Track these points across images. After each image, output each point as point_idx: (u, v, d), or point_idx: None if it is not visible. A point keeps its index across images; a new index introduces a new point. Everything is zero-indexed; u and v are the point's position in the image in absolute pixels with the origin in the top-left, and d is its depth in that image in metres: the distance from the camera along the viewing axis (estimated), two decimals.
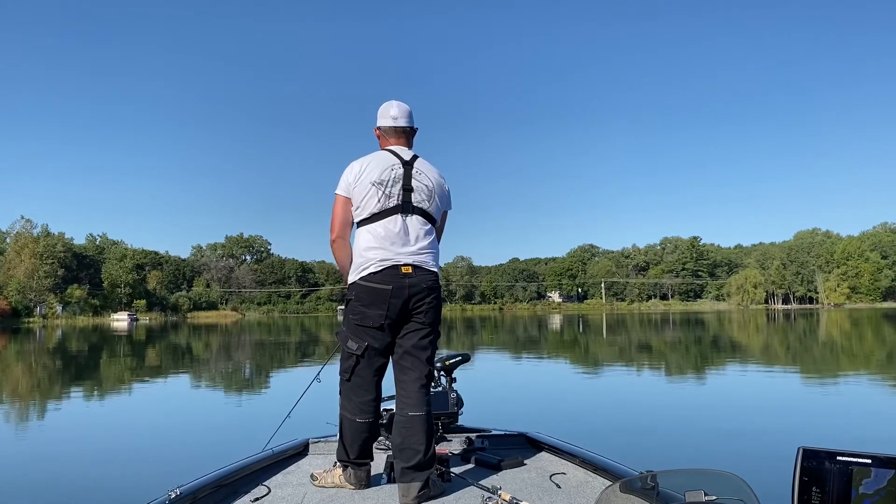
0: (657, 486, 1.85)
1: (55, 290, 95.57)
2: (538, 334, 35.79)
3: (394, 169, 2.98)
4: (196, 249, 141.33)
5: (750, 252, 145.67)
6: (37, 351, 28.27)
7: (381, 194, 2.95)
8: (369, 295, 2.89)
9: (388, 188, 2.95)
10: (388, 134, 3.15)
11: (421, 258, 2.95)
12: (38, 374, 17.39)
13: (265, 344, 30.30)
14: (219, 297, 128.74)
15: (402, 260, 2.90)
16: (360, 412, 2.96)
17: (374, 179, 2.95)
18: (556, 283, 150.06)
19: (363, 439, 2.98)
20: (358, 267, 2.95)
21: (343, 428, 3.01)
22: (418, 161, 3.08)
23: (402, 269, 2.89)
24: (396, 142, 3.13)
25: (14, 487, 5.74)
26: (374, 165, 2.99)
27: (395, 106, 3.16)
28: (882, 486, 1.48)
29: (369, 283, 2.89)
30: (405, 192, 2.97)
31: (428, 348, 3.00)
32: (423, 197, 3.00)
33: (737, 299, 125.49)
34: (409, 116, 3.17)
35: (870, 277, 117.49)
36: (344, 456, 3.02)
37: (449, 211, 3.26)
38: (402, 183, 2.97)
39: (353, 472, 3.01)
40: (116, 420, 9.59)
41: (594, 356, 20.42)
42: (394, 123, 3.14)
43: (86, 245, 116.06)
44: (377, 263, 2.89)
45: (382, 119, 3.17)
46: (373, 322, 2.90)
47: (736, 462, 5.98)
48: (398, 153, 3.05)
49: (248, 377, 15.78)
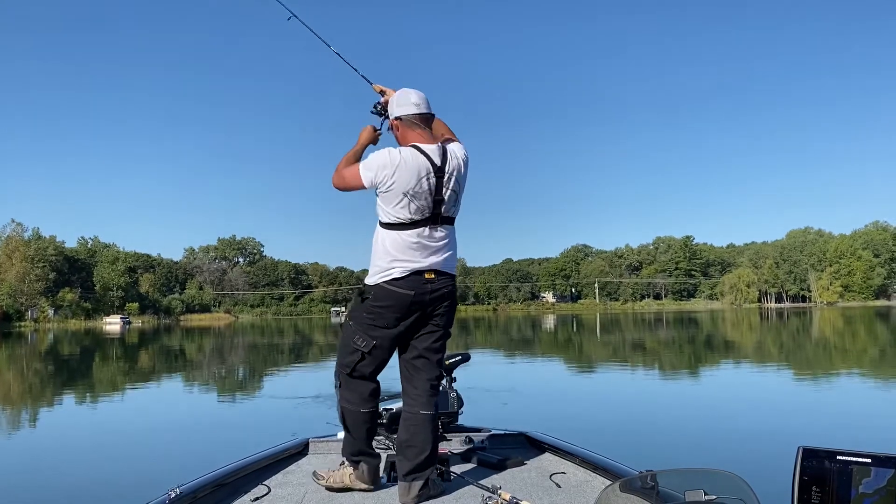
0: (657, 485, 1.85)
1: (47, 293, 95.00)
2: (533, 335, 35.82)
3: (428, 178, 2.81)
4: (188, 252, 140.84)
5: (743, 251, 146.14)
6: (29, 355, 28.11)
7: (413, 206, 2.82)
8: (390, 298, 2.84)
9: (419, 200, 2.82)
10: (412, 124, 2.93)
11: (443, 264, 2.91)
12: (30, 379, 17.30)
13: (261, 346, 30.24)
14: (211, 300, 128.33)
15: (426, 266, 2.85)
16: (363, 402, 2.93)
17: (406, 189, 2.79)
18: (550, 284, 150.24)
19: (367, 429, 2.95)
20: (381, 270, 2.86)
21: (347, 422, 2.96)
22: (449, 160, 2.89)
23: (425, 275, 2.85)
24: (421, 133, 2.92)
25: (14, 488, 5.71)
26: (407, 172, 2.79)
27: (413, 92, 2.96)
28: (882, 486, 1.47)
29: (392, 287, 2.84)
30: (436, 204, 2.85)
31: (440, 351, 2.99)
32: (451, 204, 2.91)
33: (730, 298, 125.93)
34: (428, 102, 2.99)
35: (862, 276, 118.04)
36: (353, 450, 2.96)
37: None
38: (433, 195, 2.83)
39: (365, 468, 2.93)
40: (115, 421, 9.56)
41: (593, 356, 20.47)
42: (417, 110, 2.93)
43: (77, 248, 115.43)
44: (402, 270, 2.84)
45: (402, 107, 2.95)
46: (388, 323, 2.87)
47: (736, 461, 5.97)
48: (431, 156, 2.84)
49: (246, 378, 15.76)
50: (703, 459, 6.02)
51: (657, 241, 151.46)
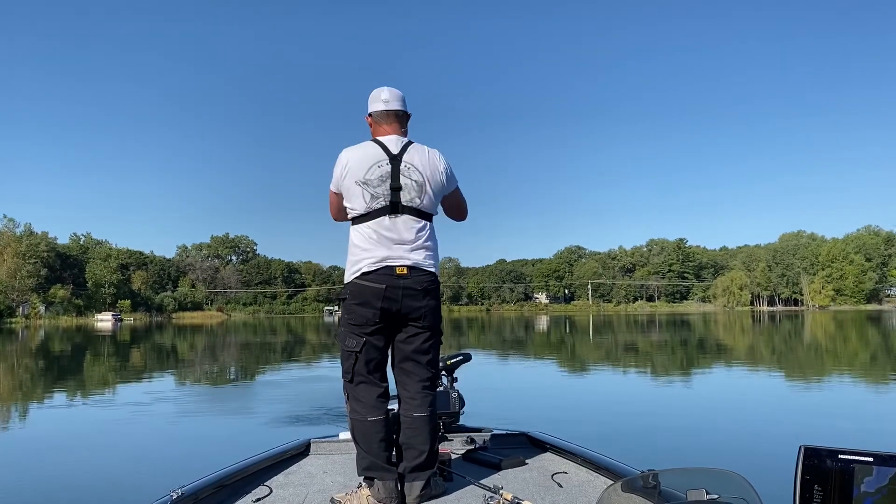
0: (659, 485, 1.85)
1: (38, 290, 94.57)
2: (526, 336, 35.83)
3: (380, 166, 2.81)
4: (181, 249, 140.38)
5: (735, 254, 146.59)
6: (19, 352, 27.94)
7: (367, 194, 2.81)
8: (363, 294, 2.79)
9: (373, 188, 2.80)
10: (380, 120, 2.97)
11: (416, 258, 2.82)
12: (21, 375, 17.19)
13: (257, 345, 30.11)
14: (204, 298, 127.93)
15: (397, 261, 2.79)
16: (368, 410, 2.81)
17: (358, 178, 2.81)
18: (543, 285, 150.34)
19: (379, 440, 2.79)
20: (352, 266, 2.85)
21: (356, 434, 2.84)
22: (409, 151, 2.88)
23: (396, 269, 2.78)
24: (389, 128, 2.95)
25: (14, 488, 5.67)
26: (358, 161, 2.83)
27: (385, 90, 3.00)
28: (884, 484, 1.46)
29: (363, 281, 2.80)
30: (393, 192, 2.81)
31: (429, 352, 2.91)
32: (413, 194, 2.83)
33: (722, 301, 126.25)
34: (401, 100, 3.01)
35: (854, 279, 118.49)
36: (365, 464, 2.79)
37: (458, 186, 3.08)
38: (389, 182, 2.81)
39: (381, 486, 2.74)
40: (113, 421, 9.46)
41: (594, 357, 20.44)
42: (385, 107, 2.96)
43: (69, 245, 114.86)
44: (370, 264, 2.79)
45: (373, 104, 3.00)
46: (366, 321, 2.80)
47: (737, 460, 5.97)
48: (386, 145, 2.87)
49: (244, 378, 15.69)
50: (704, 459, 6.02)
51: (650, 244, 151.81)
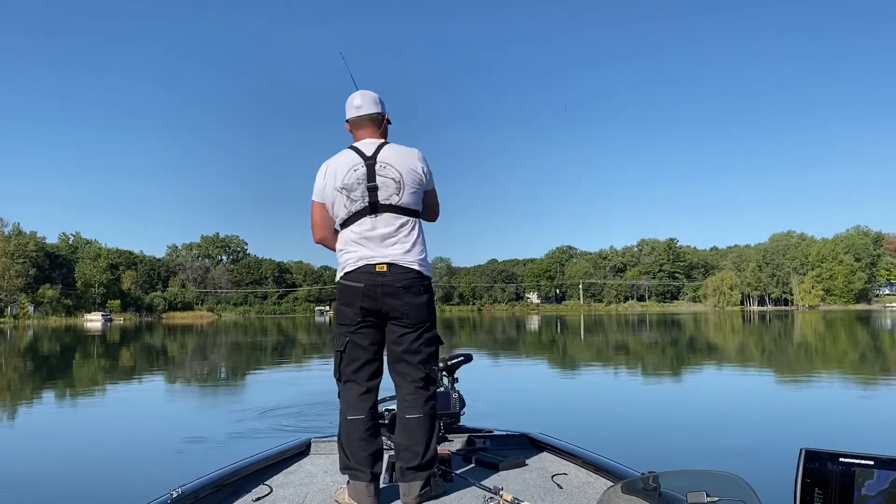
0: (659, 486, 1.85)
1: (27, 289, 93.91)
2: (517, 335, 35.87)
3: (356, 169, 2.88)
4: (171, 249, 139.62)
5: (726, 254, 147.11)
6: (8, 352, 27.75)
7: (347, 199, 2.88)
8: (346, 293, 2.89)
9: (352, 192, 2.87)
10: (356, 125, 3.03)
11: (396, 256, 2.86)
12: (9, 375, 17.07)
13: (251, 345, 30.01)
14: (194, 298, 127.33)
15: (376, 259, 2.85)
16: (348, 408, 2.87)
17: (337, 185, 2.89)
18: (535, 284, 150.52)
19: (357, 439, 2.82)
20: (339, 267, 2.96)
21: (339, 433, 2.92)
22: (383, 151, 2.92)
23: (375, 267, 2.84)
24: (365, 132, 3.01)
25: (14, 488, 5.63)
26: (336, 170, 2.91)
27: (358, 95, 3.04)
28: (885, 488, 1.45)
29: (346, 281, 2.90)
30: (371, 193, 2.86)
31: (420, 351, 2.91)
32: (390, 192, 2.88)
33: (713, 301, 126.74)
34: (374, 103, 3.03)
35: (843, 280, 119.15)
36: (342, 464, 2.88)
37: (434, 187, 3.11)
38: (365, 183, 2.87)
39: (353, 484, 2.80)
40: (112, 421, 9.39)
41: (594, 357, 20.43)
42: (357, 113, 3.01)
43: (58, 244, 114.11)
44: (353, 263, 2.88)
45: (348, 111, 3.06)
46: (349, 320, 2.88)
47: (738, 463, 5.94)
48: (361, 149, 2.93)
49: (240, 378, 15.63)
50: (705, 461, 6.02)
51: (641, 244, 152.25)
